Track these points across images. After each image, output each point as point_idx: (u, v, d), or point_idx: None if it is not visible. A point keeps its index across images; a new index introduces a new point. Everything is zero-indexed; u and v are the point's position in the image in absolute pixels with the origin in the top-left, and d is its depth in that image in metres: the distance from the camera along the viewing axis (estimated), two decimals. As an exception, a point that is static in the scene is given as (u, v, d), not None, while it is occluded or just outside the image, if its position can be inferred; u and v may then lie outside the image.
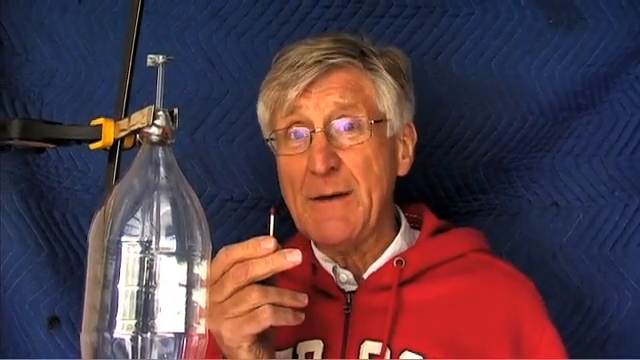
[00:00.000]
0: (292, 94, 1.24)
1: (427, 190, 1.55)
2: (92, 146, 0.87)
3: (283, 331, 1.18)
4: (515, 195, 1.59)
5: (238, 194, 1.55)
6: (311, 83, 1.24)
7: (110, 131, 0.85)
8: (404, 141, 1.33)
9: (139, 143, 0.84)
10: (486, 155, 1.56)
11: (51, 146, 0.89)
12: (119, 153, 0.85)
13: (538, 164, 1.58)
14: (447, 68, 1.55)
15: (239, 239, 1.51)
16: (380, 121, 1.26)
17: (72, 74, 1.56)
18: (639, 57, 1.55)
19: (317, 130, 1.23)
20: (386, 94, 1.27)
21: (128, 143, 0.87)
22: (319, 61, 1.24)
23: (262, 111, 1.32)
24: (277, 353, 1.20)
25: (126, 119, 0.84)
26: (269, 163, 1.52)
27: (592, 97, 1.56)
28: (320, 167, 1.21)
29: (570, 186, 1.58)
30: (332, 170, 1.22)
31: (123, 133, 0.85)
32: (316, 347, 1.22)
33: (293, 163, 1.26)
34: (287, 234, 1.45)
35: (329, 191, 1.23)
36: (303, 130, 1.25)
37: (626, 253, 1.55)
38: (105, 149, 0.87)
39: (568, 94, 1.55)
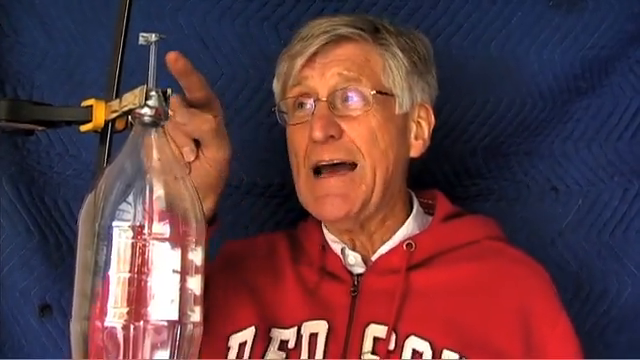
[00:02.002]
0: (298, 63, 1.25)
1: (425, 175, 1.53)
2: (82, 128, 0.85)
3: (288, 310, 1.21)
4: (514, 180, 1.57)
5: (233, 179, 1.52)
6: (316, 53, 1.24)
7: (101, 112, 0.83)
8: (419, 122, 1.31)
9: (131, 125, 0.82)
10: (485, 139, 1.54)
11: (40, 128, 0.87)
12: (110, 135, 0.83)
13: (537, 149, 1.56)
14: (445, 51, 1.53)
15: (234, 225, 1.52)
16: (384, 94, 1.25)
17: (63, 56, 1.53)
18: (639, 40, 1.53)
19: (321, 99, 1.23)
20: (393, 69, 1.26)
21: (120, 125, 0.85)
22: (327, 31, 1.25)
23: (275, 84, 1.33)
24: (282, 331, 1.22)
25: (117, 100, 0.82)
26: (265, 148, 1.51)
27: (592, 81, 1.54)
28: (318, 134, 1.20)
29: (569, 171, 1.56)
30: (332, 138, 1.22)
31: (114, 114, 0.82)
32: (321, 328, 1.21)
33: (297, 133, 1.26)
34: (287, 221, 1.45)
35: (327, 157, 1.22)
36: (308, 100, 1.25)
37: (625, 238, 1.54)
38: (96, 131, 0.85)
39: (568, 77, 1.53)
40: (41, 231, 1.50)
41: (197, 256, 0.78)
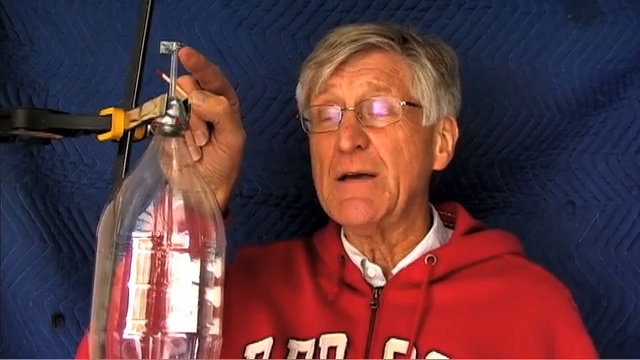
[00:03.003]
0: (326, 71, 1.23)
1: (441, 187, 1.52)
2: (101, 137, 0.84)
3: (306, 321, 1.20)
4: (531, 193, 1.56)
5: (248, 189, 1.52)
6: (345, 61, 1.23)
7: (120, 121, 0.82)
8: (443, 135, 1.30)
9: (150, 134, 0.81)
10: (502, 152, 1.53)
11: (58, 137, 0.86)
12: (129, 144, 0.82)
13: (554, 162, 1.55)
14: (463, 63, 1.50)
15: (248, 235, 1.51)
16: (413, 105, 1.24)
17: (79, 65, 1.53)
18: (659, 53, 1.51)
19: (349, 108, 1.22)
20: (422, 80, 1.25)
21: (139, 134, 0.84)
22: (356, 39, 1.24)
23: (299, 91, 1.31)
24: (300, 343, 1.21)
25: (137, 109, 0.81)
26: (279, 158, 1.50)
27: (610, 94, 1.53)
28: (345, 144, 1.19)
29: (586, 184, 1.54)
30: (359, 149, 1.21)
31: (134, 123, 0.81)
32: (339, 341, 1.20)
33: (323, 142, 1.24)
34: (302, 232, 1.43)
35: (354, 168, 1.21)
36: (335, 109, 1.24)
37: (644, 253, 1.52)
38: (114, 140, 0.84)
39: (586, 90, 1.52)
40: (54, 240, 1.49)
41: (216, 268, 0.77)
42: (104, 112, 0.84)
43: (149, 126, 0.81)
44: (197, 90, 1.02)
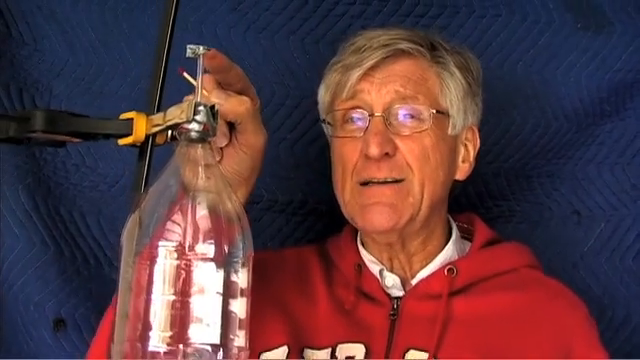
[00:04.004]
0: (354, 75, 1.21)
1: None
2: (121, 141, 0.82)
3: (322, 330, 1.18)
4: (536, 202, 1.55)
5: (253, 195, 1.48)
6: (375, 67, 1.22)
7: (142, 126, 0.80)
8: (466, 145, 1.29)
9: (173, 139, 0.79)
10: (509, 161, 1.52)
11: (76, 140, 0.84)
12: (151, 150, 0.80)
13: (560, 171, 1.54)
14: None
15: (253, 242, 1.49)
16: (442, 113, 1.23)
17: (83, 66, 1.50)
18: (666, 64, 1.51)
19: (376, 114, 1.21)
20: (451, 89, 1.25)
21: (159, 139, 0.82)
22: (386, 44, 1.22)
23: (322, 94, 1.29)
24: (315, 352, 1.19)
25: (161, 113, 0.79)
26: (286, 164, 1.49)
27: (616, 104, 1.52)
28: (374, 150, 1.18)
29: (592, 194, 1.54)
30: (386, 156, 1.19)
31: (156, 128, 0.79)
32: (357, 351, 1.18)
33: (348, 146, 1.23)
34: (308, 239, 1.41)
35: (381, 175, 1.20)
36: (362, 114, 1.22)
37: (649, 263, 1.51)
38: (134, 145, 0.82)
39: (593, 100, 1.52)
40: (56, 243, 1.47)
41: (242, 278, 0.75)
42: (124, 116, 0.82)
43: (172, 131, 0.79)
44: (219, 89, 0.99)
